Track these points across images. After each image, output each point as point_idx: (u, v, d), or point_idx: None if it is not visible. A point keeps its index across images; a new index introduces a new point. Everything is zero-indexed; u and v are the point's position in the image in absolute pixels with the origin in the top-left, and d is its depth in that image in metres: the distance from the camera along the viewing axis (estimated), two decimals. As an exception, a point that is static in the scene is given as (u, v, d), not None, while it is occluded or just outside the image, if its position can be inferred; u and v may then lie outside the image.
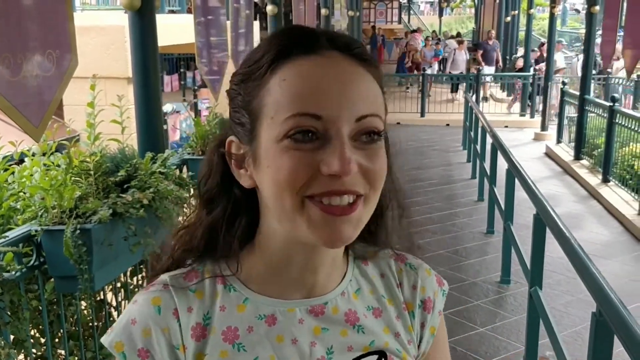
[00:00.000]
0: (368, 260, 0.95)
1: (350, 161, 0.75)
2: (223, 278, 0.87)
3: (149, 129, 3.67)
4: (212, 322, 0.85)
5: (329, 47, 0.80)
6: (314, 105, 0.76)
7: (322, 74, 0.78)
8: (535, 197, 3.51)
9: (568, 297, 4.67)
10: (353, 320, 0.88)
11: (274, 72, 0.79)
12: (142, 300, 0.85)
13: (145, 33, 3.61)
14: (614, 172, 7.97)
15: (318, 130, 0.76)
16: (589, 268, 2.44)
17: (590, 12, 9.24)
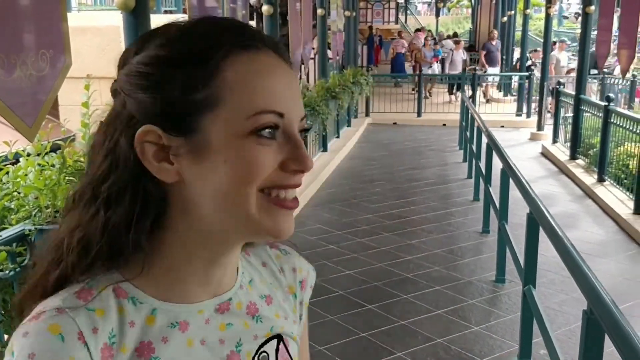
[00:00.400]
0: (249, 251, 0.95)
1: (309, 157, 0.79)
2: (123, 291, 0.79)
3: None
4: (121, 340, 0.76)
5: (265, 46, 0.79)
6: (278, 104, 0.77)
7: (279, 73, 0.79)
8: (528, 197, 3.52)
9: (562, 295, 4.68)
10: (253, 311, 0.89)
11: (232, 63, 0.76)
12: (36, 331, 0.72)
13: (139, 31, 3.61)
14: (609, 172, 7.99)
15: (279, 128, 0.77)
16: (580, 266, 2.46)
17: (585, 12, 9.26)
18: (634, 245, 6.00)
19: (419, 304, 4.51)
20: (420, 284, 4.89)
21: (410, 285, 4.87)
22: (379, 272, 5.11)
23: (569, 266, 2.57)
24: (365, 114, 14.46)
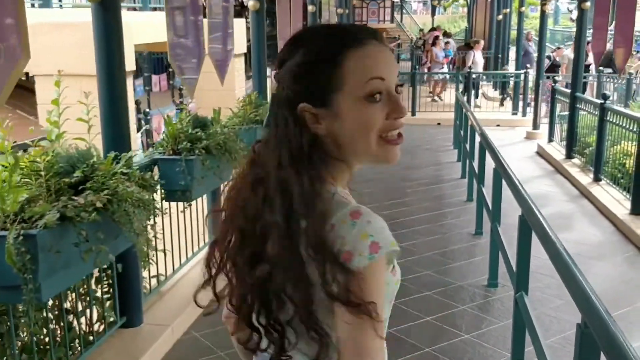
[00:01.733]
0: None
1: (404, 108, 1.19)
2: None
3: (114, 127, 3.50)
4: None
5: (372, 38, 1.18)
6: (381, 72, 1.16)
7: (382, 55, 1.18)
8: (520, 198, 3.34)
9: (557, 301, 4.50)
10: None
11: (345, 55, 1.15)
12: (374, 218, 1.13)
13: (110, 27, 3.43)
14: (606, 171, 7.82)
15: (382, 91, 1.15)
16: (574, 275, 2.27)
17: (581, 8, 9.08)
18: (631, 247, 5.82)
19: (407, 311, 4.32)
20: (410, 289, 4.69)
21: (399, 290, 4.66)
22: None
23: (563, 275, 2.39)
24: (359, 113, 14.26)
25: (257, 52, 6.46)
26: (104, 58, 3.41)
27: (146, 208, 3.04)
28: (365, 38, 1.18)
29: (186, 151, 3.89)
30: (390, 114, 1.16)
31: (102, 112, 3.47)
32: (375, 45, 1.18)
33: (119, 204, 2.77)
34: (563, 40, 27.31)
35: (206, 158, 3.98)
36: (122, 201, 2.79)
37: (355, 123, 1.16)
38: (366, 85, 1.14)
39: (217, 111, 4.70)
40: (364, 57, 1.16)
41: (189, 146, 3.91)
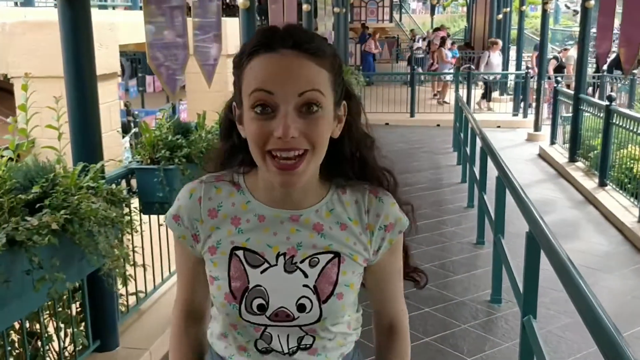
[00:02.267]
0: (347, 190, 1.30)
1: (289, 127, 1.12)
2: (239, 186, 1.29)
3: (83, 135, 3.20)
4: (223, 210, 1.27)
5: (284, 46, 1.15)
6: (268, 84, 1.13)
7: (276, 65, 1.14)
8: (528, 213, 3.04)
9: (565, 319, 4.20)
10: (319, 229, 1.26)
11: (248, 63, 1.17)
12: (185, 188, 1.31)
13: (78, 26, 3.13)
14: (611, 176, 7.53)
15: (271, 104, 1.13)
16: (597, 315, 1.97)
17: (585, 7, 8.79)
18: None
19: (405, 330, 4.02)
20: (408, 305, 4.35)
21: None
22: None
23: (581, 311, 2.09)
24: (357, 114, 13.96)
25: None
26: (71, 60, 3.11)
27: (115, 226, 2.74)
28: (267, 48, 1.16)
29: (165, 160, 3.59)
30: (275, 131, 1.13)
31: (70, 119, 3.18)
32: (274, 56, 1.15)
33: (81, 223, 2.47)
34: (564, 40, 27.06)
35: (187, 167, 3.68)
36: (84, 220, 2.49)
37: (248, 133, 1.18)
38: (250, 97, 1.15)
39: (202, 115, 4.41)
40: (256, 68, 1.16)
41: (169, 155, 3.62)
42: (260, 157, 1.16)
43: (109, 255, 2.60)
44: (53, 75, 4.71)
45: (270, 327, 1.26)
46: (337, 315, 1.28)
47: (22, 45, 5.45)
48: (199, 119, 4.33)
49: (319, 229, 1.26)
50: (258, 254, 1.25)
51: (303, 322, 1.25)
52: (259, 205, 1.27)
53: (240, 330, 1.28)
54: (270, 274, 1.24)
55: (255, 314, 1.24)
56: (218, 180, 1.30)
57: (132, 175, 3.65)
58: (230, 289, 1.24)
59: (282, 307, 1.23)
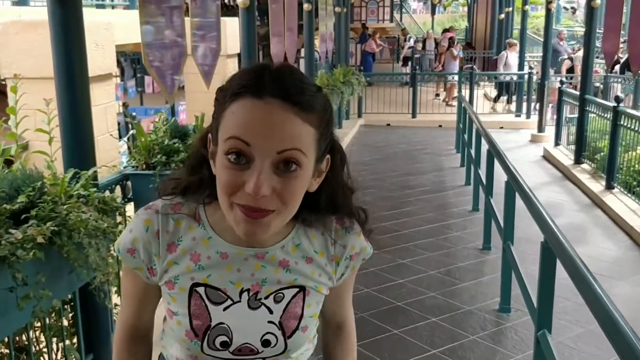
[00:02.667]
0: (312, 223, 1.26)
1: (262, 186, 1.05)
2: (200, 219, 1.23)
3: (75, 140, 3.04)
4: (182, 245, 1.21)
5: (272, 95, 1.06)
6: (246, 134, 1.05)
7: (259, 114, 1.06)
8: (543, 222, 2.89)
9: (577, 328, 4.05)
10: (285, 265, 1.24)
11: (230, 104, 1.09)
12: (140, 218, 1.23)
13: (69, 25, 2.97)
14: (619, 178, 7.37)
15: (247, 155, 1.06)
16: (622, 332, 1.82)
17: (591, 6, 8.63)
18: (652, 263, 5.38)
19: (410, 341, 3.87)
20: (413, 315, 4.25)
21: (401, 316, 4.23)
22: (365, 299, 4.46)
23: (603, 323, 1.94)
24: (358, 114, 13.83)
25: (247, 53, 6.00)
26: (62, 61, 2.96)
27: (107, 237, 2.59)
28: (252, 93, 1.07)
29: (161, 165, 3.44)
30: (245, 184, 1.07)
31: (61, 123, 3.02)
32: (259, 104, 1.07)
33: (69, 235, 2.32)
34: (566, 40, 26.86)
35: (184, 173, 3.53)
36: (74, 231, 2.34)
37: (218, 178, 1.11)
38: (225, 143, 1.08)
39: (200, 118, 4.25)
40: (237, 113, 1.08)
41: (165, 159, 3.46)
42: (227, 205, 1.10)
43: (99, 269, 2.44)
44: (48, 76, 4.53)
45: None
46: (300, 346, 1.29)
47: (16, 45, 5.30)
48: (197, 122, 4.18)
49: (285, 265, 1.24)
50: (220, 291, 1.21)
51: (267, 354, 1.25)
52: (222, 242, 1.22)
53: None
54: (234, 311, 1.22)
55: (217, 349, 1.23)
56: (176, 212, 1.23)
57: (128, 181, 3.50)
58: (192, 326, 1.21)
59: (246, 343, 1.23)
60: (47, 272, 2.21)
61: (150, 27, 3.73)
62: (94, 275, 2.51)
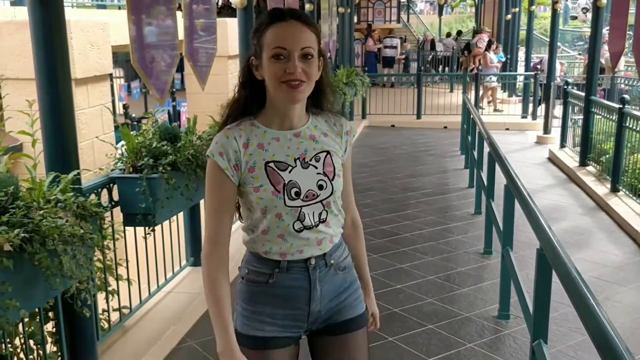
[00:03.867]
0: (318, 115, 1.96)
1: (297, 67, 1.75)
2: (255, 123, 1.86)
3: (56, 143, 2.95)
4: (251, 141, 1.83)
5: (291, 18, 1.78)
6: (283, 42, 1.75)
7: (287, 30, 1.77)
8: (539, 229, 2.78)
9: (577, 336, 3.94)
10: (313, 138, 1.90)
11: (267, 30, 1.78)
12: (220, 134, 1.85)
13: (50, 25, 2.88)
14: (624, 181, 7.25)
15: (284, 54, 1.75)
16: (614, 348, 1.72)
17: (597, 6, 8.50)
18: (657, 268, 5.25)
19: (405, 349, 3.77)
20: (410, 321, 4.14)
21: (397, 323, 4.12)
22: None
23: (598, 347, 1.84)
24: (362, 116, 13.74)
25: (245, 53, 5.92)
26: (43, 62, 2.87)
27: (85, 243, 2.50)
28: (280, 20, 1.78)
29: (148, 168, 3.35)
30: (286, 69, 1.74)
31: (43, 126, 2.94)
32: (285, 25, 1.77)
33: (42, 242, 2.23)
34: (573, 41, 26.69)
35: (172, 176, 3.44)
36: (46, 238, 2.25)
37: (267, 73, 1.78)
38: (271, 50, 1.75)
39: (193, 120, 4.17)
40: (274, 32, 1.77)
41: (152, 162, 3.38)
42: (276, 86, 1.76)
43: (75, 277, 2.35)
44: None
45: (304, 207, 1.83)
46: (339, 188, 1.90)
47: (10, 45, 5.22)
48: (189, 124, 4.09)
49: (313, 138, 1.89)
50: (283, 162, 1.83)
51: (323, 197, 1.85)
52: (273, 131, 1.86)
53: (284, 217, 1.82)
54: (295, 172, 1.84)
55: (293, 199, 1.82)
56: (239, 125, 1.85)
57: (114, 184, 3.41)
58: (274, 186, 1.80)
59: (310, 189, 1.84)
60: (16, 280, 2.13)
61: (139, 26, 3.64)
62: (70, 283, 2.43)
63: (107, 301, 3.54)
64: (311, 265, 1.88)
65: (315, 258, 1.89)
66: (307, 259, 1.88)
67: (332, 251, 1.93)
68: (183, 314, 4.05)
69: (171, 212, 3.67)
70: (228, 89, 8.97)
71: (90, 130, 5.35)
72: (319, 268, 1.90)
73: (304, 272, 1.88)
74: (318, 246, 1.89)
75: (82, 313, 2.65)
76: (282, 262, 1.87)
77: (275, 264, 1.87)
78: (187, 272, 4.68)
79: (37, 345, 2.96)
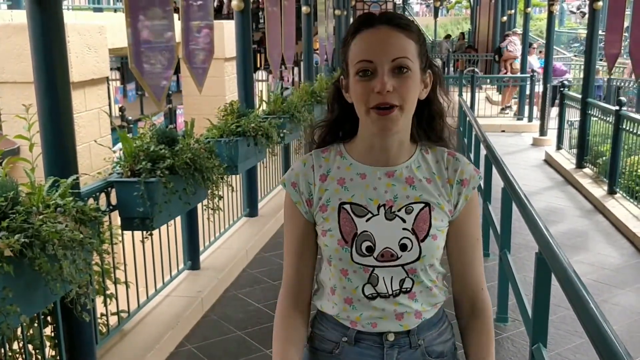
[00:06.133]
0: (429, 151, 1.54)
1: (386, 84, 1.36)
2: (341, 153, 1.54)
3: (55, 147, 2.95)
4: (331, 174, 1.51)
5: (380, 23, 1.41)
6: (368, 55, 1.39)
7: (373, 37, 1.40)
8: (538, 232, 2.78)
9: (577, 339, 3.94)
10: (410, 182, 1.48)
11: (352, 40, 1.43)
12: (299, 160, 1.57)
13: (48, 29, 2.88)
14: (621, 183, 7.26)
15: (371, 69, 1.38)
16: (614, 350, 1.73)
17: (593, 8, 8.53)
18: (655, 271, 5.26)
19: (404, 353, 3.77)
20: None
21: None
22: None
23: (599, 350, 1.84)
24: (358, 118, 13.71)
25: (242, 56, 5.92)
26: (42, 67, 2.87)
27: (85, 248, 2.50)
28: (366, 26, 1.43)
29: (146, 172, 3.35)
30: (374, 88, 1.37)
31: (42, 130, 2.93)
32: (372, 31, 1.42)
33: (42, 247, 2.23)
34: (569, 42, 26.76)
35: (170, 180, 3.43)
36: (47, 243, 2.25)
37: (353, 96, 1.44)
38: (355, 66, 1.41)
39: (191, 123, 4.17)
40: (359, 42, 1.42)
41: (150, 166, 3.37)
42: (365, 111, 1.40)
43: (75, 281, 2.35)
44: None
45: (377, 269, 1.46)
46: (432, 254, 1.47)
47: (7, 49, 5.21)
48: (187, 127, 4.09)
49: (411, 182, 1.48)
50: (362, 206, 1.47)
51: (406, 260, 1.45)
52: (360, 165, 1.50)
53: (350, 276, 1.48)
54: (374, 222, 1.46)
55: (364, 255, 1.45)
56: (324, 152, 1.55)
57: (112, 188, 3.41)
58: (342, 235, 1.46)
59: (387, 247, 1.45)
60: (17, 285, 2.12)
61: (137, 29, 3.64)
62: (70, 288, 2.42)
63: (105, 305, 3.53)
64: (388, 341, 1.49)
65: (396, 334, 1.49)
66: (383, 333, 1.49)
67: (422, 330, 1.52)
68: (181, 317, 4.04)
69: (169, 216, 3.67)
70: (225, 91, 9.00)
71: (87, 133, 5.35)
72: (399, 347, 1.50)
73: (378, 348, 1.50)
74: (398, 321, 1.49)
75: (81, 317, 2.64)
76: (351, 330, 1.50)
77: (344, 330, 1.52)
78: (184, 276, 4.68)
79: (35, 349, 2.96)
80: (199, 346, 3.92)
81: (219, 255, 5.15)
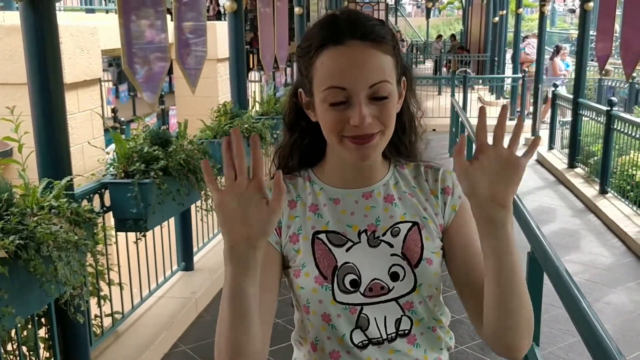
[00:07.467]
0: (404, 166, 1.36)
1: (365, 116, 1.14)
2: (310, 178, 1.34)
3: (49, 149, 2.94)
4: (300, 199, 1.30)
5: (351, 38, 1.15)
6: (341, 81, 1.14)
7: (345, 60, 1.15)
8: (530, 232, 2.81)
9: (569, 338, 3.97)
10: (390, 200, 1.29)
11: (317, 56, 1.17)
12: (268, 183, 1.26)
13: (41, 30, 2.88)
14: (612, 183, 7.31)
15: (344, 96, 1.15)
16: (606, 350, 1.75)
17: (584, 9, 8.57)
18: (645, 270, 5.30)
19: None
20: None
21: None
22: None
23: (591, 350, 1.87)
24: (351, 119, 13.73)
25: (235, 57, 5.93)
26: (36, 68, 2.86)
27: (79, 249, 2.50)
28: (335, 41, 1.16)
29: (140, 173, 3.35)
30: (350, 120, 1.16)
31: (35, 132, 2.93)
32: (343, 50, 1.16)
33: (37, 248, 2.23)
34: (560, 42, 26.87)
35: (164, 181, 3.44)
36: (42, 245, 2.25)
37: (322, 122, 1.21)
38: (323, 92, 1.17)
39: (184, 124, 4.17)
40: (327, 63, 1.17)
41: (144, 167, 3.38)
42: (337, 141, 1.19)
43: (69, 283, 2.35)
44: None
45: (366, 307, 1.21)
46: (430, 282, 1.24)
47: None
48: (180, 128, 4.10)
49: (390, 200, 1.29)
50: (340, 234, 1.25)
51: (399, 292, 1.22)
52: (331, 189, 1.30)
53: (334, 322, 1.22)
54: (356, 251, 1.24)
55: (348, 291, 1.21)
56: (291, 179, 1.34)
57: (106, 189, 3.41)
58: (319, 270, 1.22)
59: (376, 278, 1.21)
60: (12, 287, 2.13)
61: (130, 30, 3.64)
62: (64, 289, 2.43)
63: (99, 306, 3.53)
64: None
65: None
66: None
67: None
68: (175, 318, 4.05)
69: (163, 217, 3.67)
70: (217, 92, 9.00)
71: (80, 135, 5.35)
72: None
73: None
74: None
75: (75, 319, 2.64)
76: None
77: None
78: (178, 277, 4.68)
79: (30, 351, 2.95)
80: (193, 347, 3.92)
81: (213, 256, 5.16)
